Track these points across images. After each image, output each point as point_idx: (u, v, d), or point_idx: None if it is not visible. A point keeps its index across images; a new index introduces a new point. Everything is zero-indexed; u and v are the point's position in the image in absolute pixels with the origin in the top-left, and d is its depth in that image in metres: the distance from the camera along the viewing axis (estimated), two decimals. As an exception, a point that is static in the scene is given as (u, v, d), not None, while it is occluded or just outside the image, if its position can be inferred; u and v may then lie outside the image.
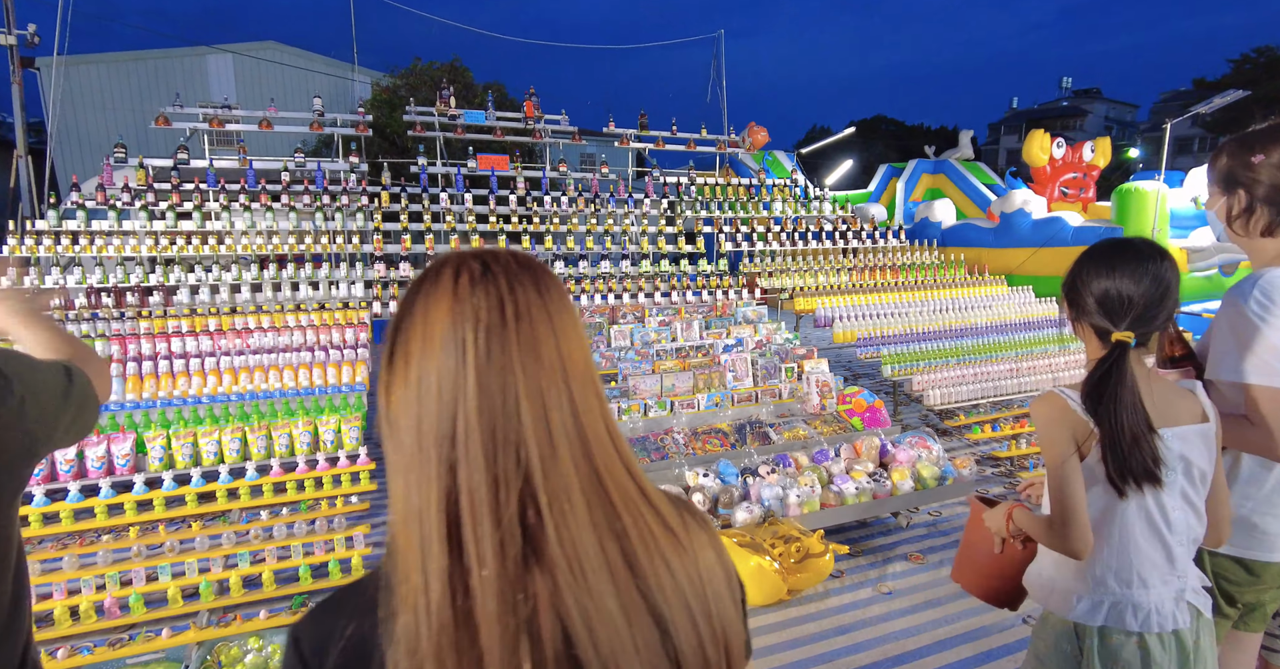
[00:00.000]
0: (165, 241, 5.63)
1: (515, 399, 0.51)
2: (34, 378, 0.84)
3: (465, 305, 0.53)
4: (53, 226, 5.64)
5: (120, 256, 5.33)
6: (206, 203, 6.17)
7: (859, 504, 3.45)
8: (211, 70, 21.15)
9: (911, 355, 5.14)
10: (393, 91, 21.08)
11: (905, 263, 7.34)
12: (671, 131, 9.40)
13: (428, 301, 0.54)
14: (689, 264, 6.82)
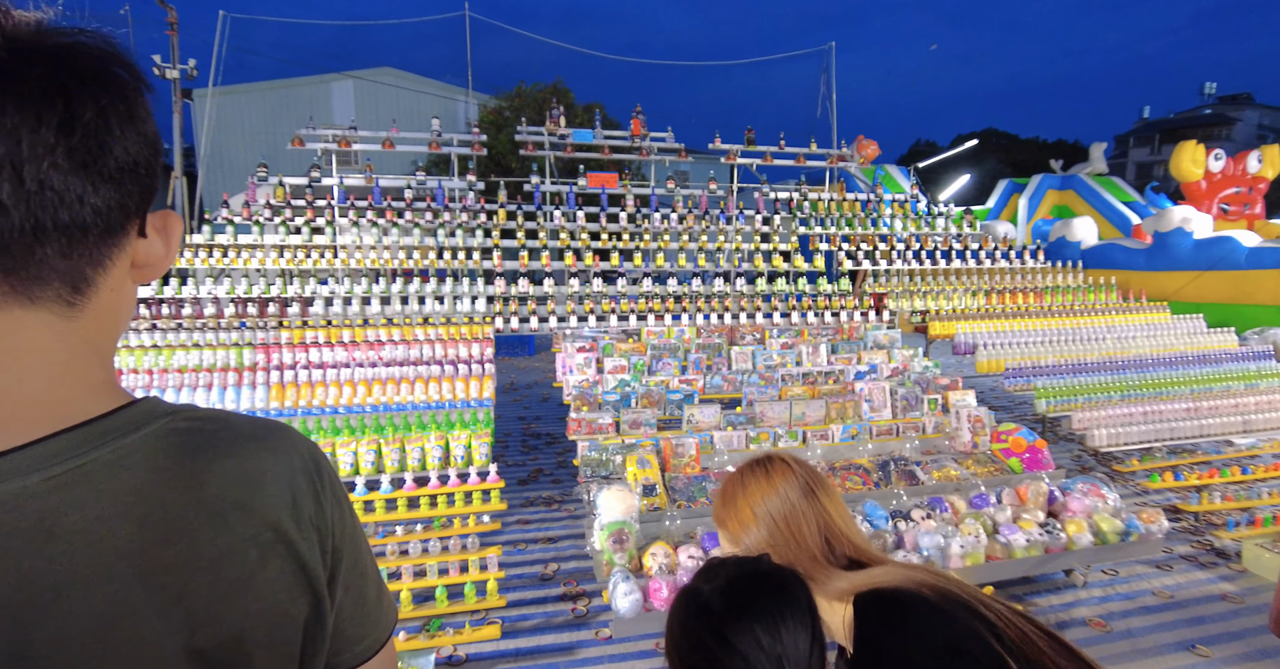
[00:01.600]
0: (300, 255, 5.93)
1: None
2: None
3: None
4: (206, 241, 6.08)
5: (263, 269, 5.65)
6: (337, 218, 6.48)
7: (1029, 558, 3.05)
8: (335, 95, 22.83)
9: (1070, 389, 4.61)
10: (498, 113, 21.92)
11: (1047, 286, 6.71)
12: (780, 146, 9.14)
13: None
14: (807, 283, 6.52)
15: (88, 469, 0.47)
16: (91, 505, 0.46)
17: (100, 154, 0.47)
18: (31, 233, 0.45)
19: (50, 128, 0.45)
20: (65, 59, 0.46)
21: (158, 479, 0.49)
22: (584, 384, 4.06)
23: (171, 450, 0.51)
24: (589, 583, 3.30)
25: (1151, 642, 2.90)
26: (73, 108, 0.46)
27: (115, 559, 0.46)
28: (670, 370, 4.51)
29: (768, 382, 4.39)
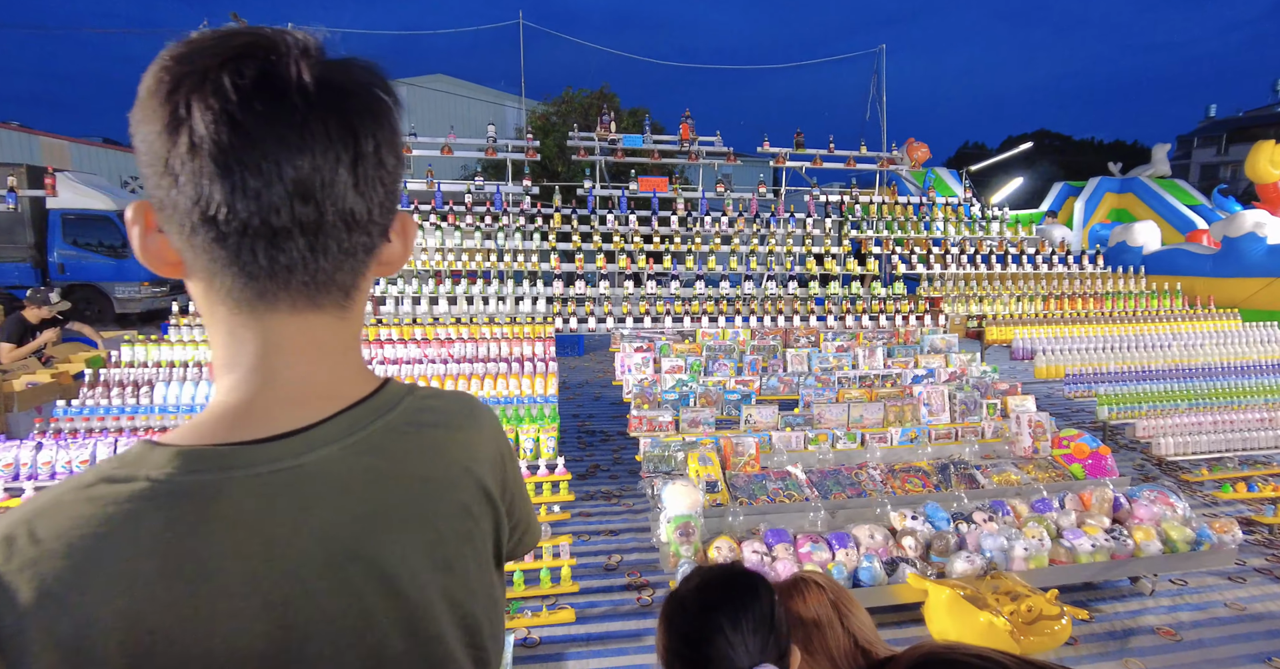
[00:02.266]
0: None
1: None
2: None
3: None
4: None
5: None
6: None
7: (1095, 563, 3.05)
8: (390, 102, 23.61)
9: (1133, 396, 4.54)
10: (545, 119, 22.27)
11: (1107, 291, 6.57)
12: (829, 149, 9.13)
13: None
14: (859, 286, 6.53)
15: (370, 438, 0.58)
16: (374, 468, 0.58)
17: (375, 182, 0.55)
18: (323, 253, 0.54)
19: (344, 165, 0.52)
20: (355, 98, 0.53)
21: (415, 447, 0.61)
22: (644, 382, 4.18)
23: (420, 425, 0.63)
24: (651, 575, 3.42)
25: (1225, 653, 2.87)
26: (359, 146, 0.53)
27: (397, 513, 0.58)
28: (726, 371, 4.60)
29: (824, 384, 4.45)
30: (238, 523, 0.51)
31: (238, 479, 0.52)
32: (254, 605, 0.51)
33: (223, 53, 0.50)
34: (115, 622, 0.47)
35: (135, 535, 0.49)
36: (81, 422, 3.61)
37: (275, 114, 0.49)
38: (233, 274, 0.52)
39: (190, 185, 0.49)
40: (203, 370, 4.11)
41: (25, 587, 0.46)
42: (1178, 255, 7.99)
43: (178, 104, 0.49)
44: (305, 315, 0.56)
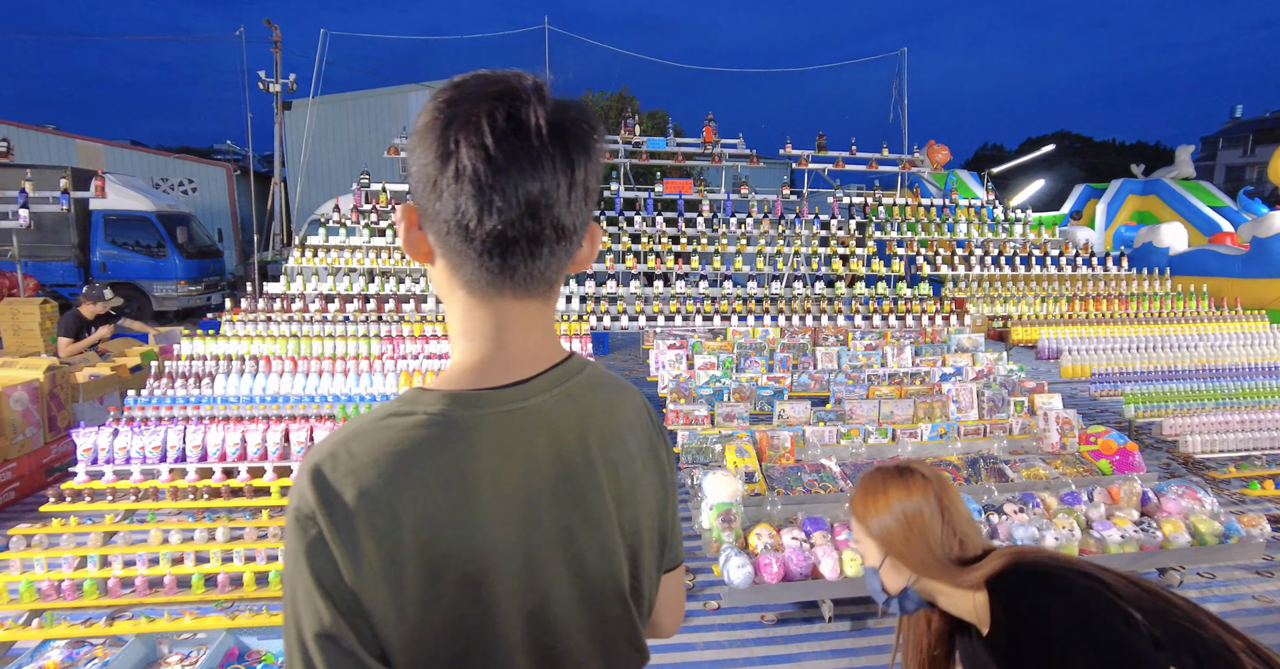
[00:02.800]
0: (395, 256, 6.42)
1: None
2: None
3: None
4: (322, 242, 6.65)
5: (376, 268, 6.14)
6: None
7: (1123, 554, 3.14)
8: (412, 106, 23.91)
9: (1159, 395, 4.61)
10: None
11: (1132, 292, 6.61)
12: (851, 151, 9.23)
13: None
14: (885, 287, 6.63)
15: (568, 391, 0.74)
16: (575, 412, 0.74)
17: (581, 202, 0.70)
18: (538, 257, 0.69)
19: (562, 189, 0.66)
20: (574, 136, 0.67)
21: (599, 403, 0.77)
22: (679, 378, 4.33)
23: (600, 386, 0.79)
24: (691, 561, 3.56)
25: (1250, 641, 2.95)
26: (574, 174, 0.66)
27: (591, 452, 0.74)
28: (758, 368, 4.73)
29: (854, 381, 4.56)
30: (490, 448, 0.67)
31: (486, 414, 0.68)
32: (502, 511, 0.67)
33: (482, 99, 0.65)
34: (411, 516, 0.63)
35: (420, 453, 0.65)
36: (151, 410, 3.82)
37: (518, 150, 0.64)
38: (473, 268, 0.68)
39: (451, 201, 0.65)
40: (259, 363, 4.32)
41: (349, 489, 0.63)
42: (1205, 256, 8.00)
43: (449, 139, 0.64)
44: (523, 301, 0.72)
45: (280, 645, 2.70)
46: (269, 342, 4.56)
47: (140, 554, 2.91)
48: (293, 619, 0.64)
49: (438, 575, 0.64)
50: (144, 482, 3.42)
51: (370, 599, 0.62)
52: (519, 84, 0.67)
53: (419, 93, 23.27)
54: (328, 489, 0.63)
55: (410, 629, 0.64)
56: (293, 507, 0.64)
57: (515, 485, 0.68)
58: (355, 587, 0.62)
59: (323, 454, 0.65)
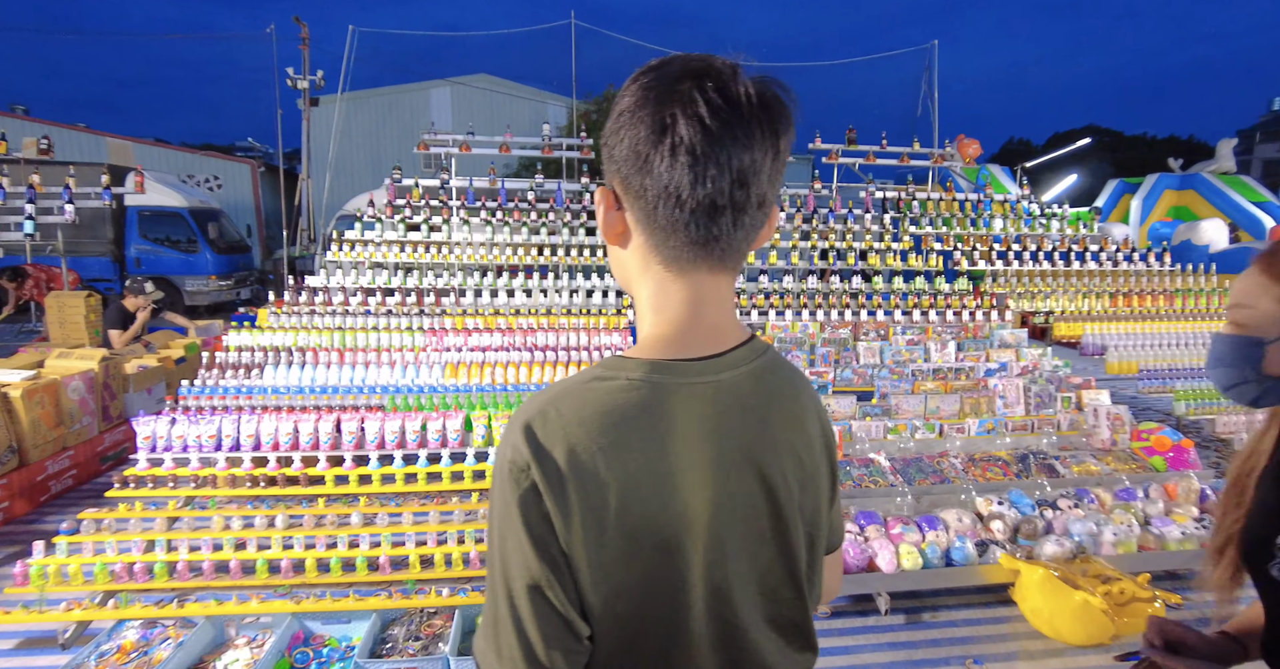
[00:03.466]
0: (444, 251, 6.48)
1: None
2: None
3: None
4: (358, 237, 6.73)
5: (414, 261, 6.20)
6: (455, 217, 6.98)
7: (1184, 552, 3.10)
8: (433, 101, 24.06)
9: (1211, 393, 4.52)
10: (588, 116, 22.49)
11: (1176, 289, 6.50)
12: (882, 145, 9.14)
13: None
14: (924, 282, 6.57)
15: (754, 370, 0.74)
16: (761, 391, 0.74)
17: (778, 173, 0.71)
18: (739, 227, 0.70)
19: (768, 159, 0.67)
20: (776, 108, 0.69)
21: (782, 385, 0.77)
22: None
23: (782, 369, 0.79)
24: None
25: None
26: (778, 144, 0.69)
27: (777, 429, 0.74)
28: (799, 363, 4.71)
29: (898, 376, 4.53)
30: (684, 417, 0.68)
31: (682, 384, 0.69)
32: (697, 481, 0.68)
33: (687, 75, 0.66)
34: (614, 474, 0.64)
35: (623, 415, 0.66)
36: (206, 400, 3.89)
37: (733, 121, 0.65)
38: (679, 240, 0.69)
39: (666, 173, 0.66)
40: (306, 355, 4.38)
41: (559, 446, 0.64)
42: (1248, 253, 7.82)
43: (663, 114, 0.65)
44: (717, 274, 0.72)
45: (343, 631, 2.76)
46: (313, 334, 4.63)
47: (205, 539, 2.97)
48: (500, 568, 0.66)
49: (637, 537, 0.65)
50: (201, 469, 3.49)
51: (576, 555, 0.64)
52: (718, 63, 0.68)
53: (441, 89, 23.42)
54: (539, 445, 0.64)
55: (609, 588, 0.65)
56: (504, 459, 0.66)
57: (708, 458, 0.68)
58: (564, 541, 0.64)
59: (533, 411, 0.67)
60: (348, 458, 3.57)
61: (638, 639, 0.68)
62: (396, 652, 2.57)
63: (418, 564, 2.94)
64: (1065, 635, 2.76)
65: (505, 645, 0.65)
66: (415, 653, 2.55)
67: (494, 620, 0.66)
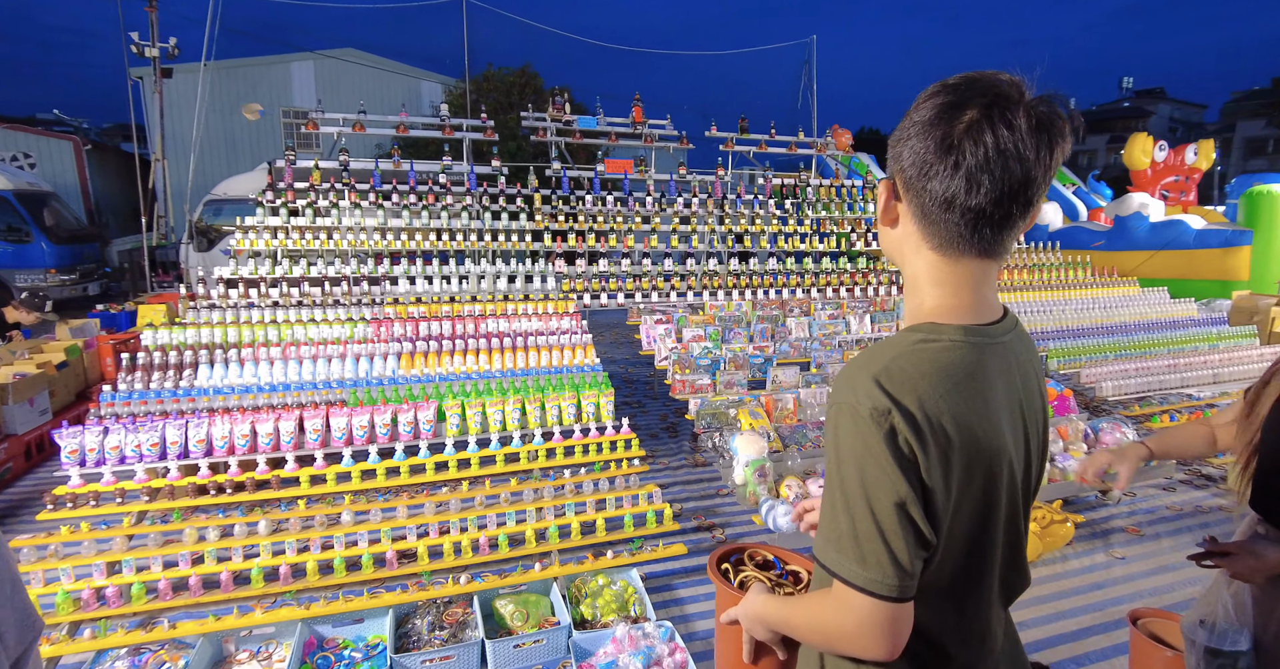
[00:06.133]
0: (349, 237, 6.14)
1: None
2: None
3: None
4: (260, 223, 6.20)
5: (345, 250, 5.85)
6: (344, 201, 6.59)
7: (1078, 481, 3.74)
8: (295, 75, 22.10)
9: (1075, 350, 5.38)
10: (463, 96, 21.66)
11: (1030, 263, 7.54)
12: (771, 134, 9.72)
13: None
14: (830, 261, 7.14)
15: (1018, 334, 0.94)
16: (1024, 354, 0.94)
17: (1051, 179, 0.87)
18: (1008, 231, 0.86)
19: (1042, 173, 0.82)
20: (1055, 127, 0.81)
21: (1030, 346, 0.98)
22: (680, 349, 4.54)
23: (1027, 337, 0.98)
24: (713, 517, 3.82)
25: (1174, 543, 3.65)
26: (1052, 160, 0.82)
27: (1034, 386, 0.95)
28: (740, 339, 5.03)
29: (828, 347, 4.98)
30: (996, 368, 0.87)
31: (989, 343, 0.88)
32: (1008, 419, 0.87)
33: (979, 102, 0.81)
34: (948, 416, 0.82)
35: (953, 367, 0.84)
36: (139, 405, 3.53)
37: (1012, 146, 0.80)
38: (945, 234, 0.86)
39: (944, 182, 0.82)
40: (243, 351, 4.07)
41: (909, 396, 0.81)
42: (1078, 232, 9.21)
43: (951, 138, 0.81)
44: (984, 261, 0.89)
45: (355, 631, 2.70)
46: (245, 328, 4.29)
47: (183, 554, 2.76)
48: (861, 492, 0.81)
49: (971, 468, 0.83)
50: (150, 480, 3.20)
51: (932, 481, 0.81)
52: (1004, 87, 0.83)
53: (304, 63, 21.56)
54: (892, 395, 0.80)
55: (952, 510, 0.83)
56: (858, 404, 0.81)
57: (1010, 402, 0.89)
58: (924, 469, 0.80)
59: (877, 368, 0.83)
60: (318, 456, 3.42)
61: (961, 549, 0.87)
62: (424, 643, 2.57)
63: (425, 556, 2.92)
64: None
65: (870, 553, 0.81)
66: (445, 641, 2.56)
67: (854, 535, 0.82)
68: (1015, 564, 0.96)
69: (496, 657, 2.51)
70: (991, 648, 0.96)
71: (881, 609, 0.81)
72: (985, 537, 0.88)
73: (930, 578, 0.86)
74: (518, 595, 2.80)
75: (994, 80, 0.84)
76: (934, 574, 0.86)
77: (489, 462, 3.61)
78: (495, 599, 2.78)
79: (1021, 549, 0.96)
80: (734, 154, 9.76)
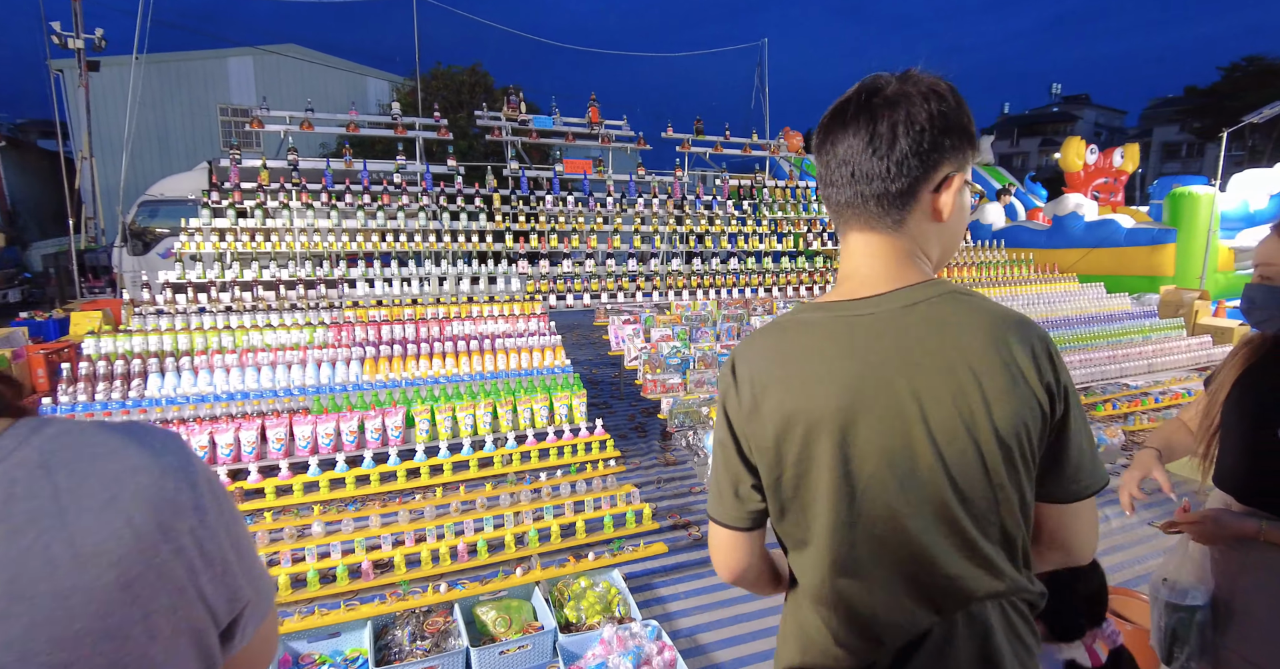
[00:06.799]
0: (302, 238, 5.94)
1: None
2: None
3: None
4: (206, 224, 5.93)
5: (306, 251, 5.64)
6: (291, 201, 6.38)
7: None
8: (232, 71, 21.20)
9: (1023, 343, 5.63)
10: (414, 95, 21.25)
11: (974, 261, 7.86)
12: (725, 136, 9.86)
13: None
14: (789, 261, 7.27)
15: (919, 307, 0.86)
16: (928, 325, 0.86)
17: (893, 150, 0.88)
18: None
19: (860, 143, 0.89)
20: (876, 99, 0.89)
21: (954, 317, 0.86)
22: (650, 348, 4.56)
23: (955, 304, 0.87)
24: (688, 515, 3.85)
25: (1120, 522, 3.86)
26: (875, 128, 0.89)
27: (929, 357, 0.84)
28: (707, 337, 5.08)
29: (793, 345, 5.08)
30: (823, 336, 0.90)
31: (827, 316, 0.91)
32: (833, 388, 0.86)
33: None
34: (764, 376, 0.91)
35: (768, 338, 0.94)
36: (85, 418, 3.33)
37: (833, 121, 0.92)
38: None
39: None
40: (193, 360, 3.89)
41: (739, 361, 0.93)
42: (1020, 231, 9.63)
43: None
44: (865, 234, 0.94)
45: (332, 646, 2.62)
46: (196, 335, 4.09)
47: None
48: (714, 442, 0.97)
49: (789, 424, 0.90)
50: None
51: (741, 428, 0.94)
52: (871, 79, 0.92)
53: (243, 58, 20.68)
54: (732, 360, 0.96)
55: (776, 459, 0.91)
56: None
57: (841, 371, 0.88)
58: (734, 416, 0.95)
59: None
60: (283, 466, 3.29)
61: (805, 508, 0.97)
62: (406, 655, 2.51)
63: (403, 565, 2.84)
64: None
65: (713, 490, 1.02)
66: (428, 651, 2.50)
67: (713, 480, 1.01)
68: (923, 559, 0.86)
69: (482, 665, 2.47)
70: (878, 638, 0.90)
71: (718, 534, 0.99)
72: (815, 500, 0.89)
73: (786, 530, 0.95)
74: (499, 602, 2.76)
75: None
76: (788, 528, 0.94)
77: (462, 467, 3.55)
78: (476, 607, 2.73)
79: (932, 549, 0.86)
80: (690, 155, 9.89)
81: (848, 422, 0.85)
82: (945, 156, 0.88)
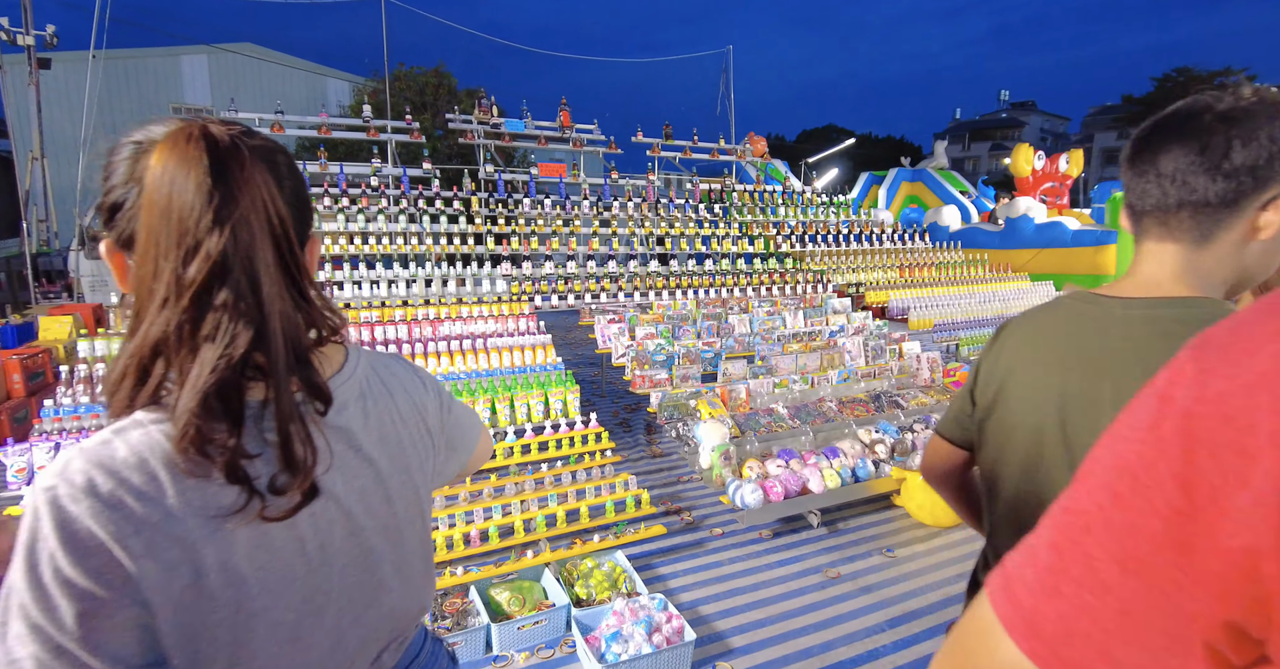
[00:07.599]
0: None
1: None
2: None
3: None
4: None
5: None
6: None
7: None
8: (185, 69, 20.63)
9: (982, 338, 6.01)
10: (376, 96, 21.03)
11: (935, 261, 8.29)
12: (694, 141, 10.15)
13: None
14: (760, 263, 7.56)
15: (1161, 317, 0.92)
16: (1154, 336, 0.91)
17: (1195, 164, 0.87)
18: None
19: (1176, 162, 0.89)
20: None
21: (1183, 331, 0.89)
22: (637, 346, 4.77)
23: (1188, 324, 0.89)
24: (679, 501, 4.07)
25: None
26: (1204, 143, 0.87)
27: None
28: (689, 335, 5.32)
29: (769, 341, 5.35)
30: (1064, 322, 1.05)
31: (1079, 307, 1.04)
32: (1055, 373, 1.04)
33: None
34: (1011, 351, 1.09)
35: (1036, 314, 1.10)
36: (90, 419, 3.37)
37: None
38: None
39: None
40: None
41: (1004, 330, 1.13)
42: (974, 233, 10.15)
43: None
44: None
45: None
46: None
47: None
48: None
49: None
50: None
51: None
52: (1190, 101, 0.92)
53: (196, 56, 20.14)
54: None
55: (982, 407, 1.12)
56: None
57: (1100, 357, 0.98)
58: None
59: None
60: (292, 462, 3.39)
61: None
62: (427, 631, 2.66)
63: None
64: (942, 521, 3.70)
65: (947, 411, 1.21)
66: (450, 630, 2.66)
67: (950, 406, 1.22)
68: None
69: (502, 639, 2.64)
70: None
71: (932, 438, 1.27)
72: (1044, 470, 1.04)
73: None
74: (511, 583, 2.94)
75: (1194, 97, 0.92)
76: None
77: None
78: (490, 588, 2.90)
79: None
80: (660, 159, 10.14)
81: (1064, 404, 0.98)
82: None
